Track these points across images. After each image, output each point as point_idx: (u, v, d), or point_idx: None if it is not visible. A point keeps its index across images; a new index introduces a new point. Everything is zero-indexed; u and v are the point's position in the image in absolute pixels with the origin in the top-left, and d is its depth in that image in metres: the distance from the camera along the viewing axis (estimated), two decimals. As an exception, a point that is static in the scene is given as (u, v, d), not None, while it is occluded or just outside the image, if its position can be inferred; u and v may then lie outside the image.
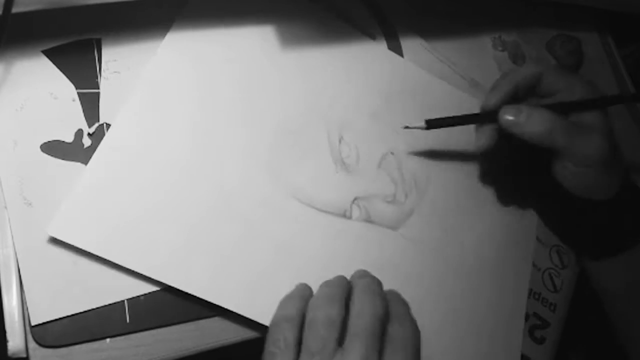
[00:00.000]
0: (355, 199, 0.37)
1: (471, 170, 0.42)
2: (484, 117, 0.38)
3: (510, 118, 0.35)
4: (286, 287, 0.33)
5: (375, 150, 0.39)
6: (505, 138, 0.37)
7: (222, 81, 0.37)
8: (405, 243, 0.38)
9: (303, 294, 0.32)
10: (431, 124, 0.37)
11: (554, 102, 0.38)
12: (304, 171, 0.37)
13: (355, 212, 0.37)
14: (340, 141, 0.39)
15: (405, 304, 0.32)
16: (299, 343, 0.29)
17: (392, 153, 0.40)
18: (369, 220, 0.37)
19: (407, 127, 0.37)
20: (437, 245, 0.39)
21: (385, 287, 0.33)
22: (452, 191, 0.41)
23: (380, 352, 0.28)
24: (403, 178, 0.39)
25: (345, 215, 0.37)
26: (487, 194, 0.42)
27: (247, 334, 0.34)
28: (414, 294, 0.35)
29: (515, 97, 0.38)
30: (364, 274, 0.34)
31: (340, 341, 0.28)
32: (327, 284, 0.32)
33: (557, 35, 0.51)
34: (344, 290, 0.31)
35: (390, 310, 0.31)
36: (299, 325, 0.30)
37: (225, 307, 0.32)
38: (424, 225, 0.39)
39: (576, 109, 0.37)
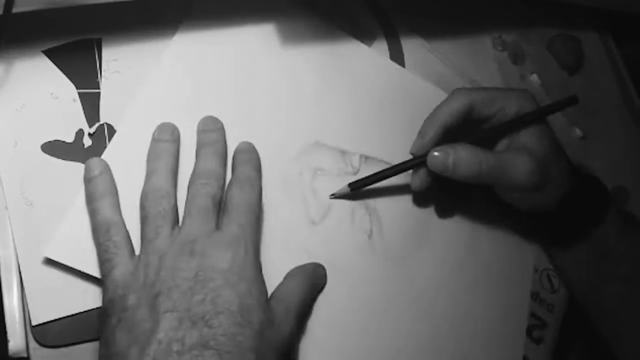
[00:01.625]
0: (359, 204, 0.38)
1: (452, 213, 0.41)
2: (413, 164, 0.37)
3: (438, 163, 0.35)
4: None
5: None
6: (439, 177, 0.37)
7: (228, 84, 0.37)
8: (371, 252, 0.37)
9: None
10: (354, 186, 0.37)
11: (485, 129, 0.38)
12: (306, 174, 0.37)
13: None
14: (359, 156, 0.39)
15: (251, 165, 0.33)
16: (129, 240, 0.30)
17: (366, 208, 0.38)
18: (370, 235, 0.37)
19: (333, 196, 0.37)
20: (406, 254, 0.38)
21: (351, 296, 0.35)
22: (440, 242, 0.40)
23: (217, 219, 0.30)
24: (380, 229, 0.38)
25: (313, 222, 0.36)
26: (473, 239, 0.41)
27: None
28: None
29: (448, 132, 0.37)
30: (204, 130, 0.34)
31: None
32: (152, 169, 0.32)
33: (557, 35, 0.51)
34: (170, 169, 0.32)
35: (235, 172, 0.33)
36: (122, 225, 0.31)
37: None
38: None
39: (509, 129, 0.37)
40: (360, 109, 0.40)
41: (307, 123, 0.39)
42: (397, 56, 0.44)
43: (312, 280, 0.33)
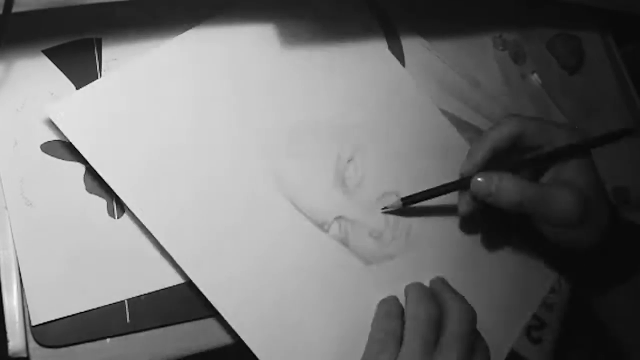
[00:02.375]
0: (340, 217, 0.37)
1: (468, 239, 0.40)
2: (460, 185, 0.37)
3: (481, 188, 0.36)
4: (262, 291, 0.33)
5: (381, 185, 0.39)
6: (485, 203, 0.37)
7: (226, 83, 0.37)
8: (372, 279, 0.36)
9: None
10: (407, 201, 0.37)
11: (531, 158, 0.38)
12: (302, 171, 0.37)
13: (334, 229, 0.36)
14: (349, 160, 0.38)
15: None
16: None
17: (396, 195, 0.39)
18: (344, 242, 0.36)
19: (385, 209, 0.38)
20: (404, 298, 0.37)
21: (337, 311, 0.35)
22: (442, 252, 0.39)
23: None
24: (397, 223, 0.38)
25: (322, 227, 0.36)
26: (480, 262, 0.40)
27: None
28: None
29: (496, 155, 0.37)
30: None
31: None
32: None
33: (557, 34, 0.51)
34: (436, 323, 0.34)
35: (448, 326, 0.33)
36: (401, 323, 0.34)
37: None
38: (400, 275, 0.37)
39: (555, 159, 0.37)
40: (359, 108, 0.40)
41: (305, 122, 0.38)
42: (397, 56, 0.44)
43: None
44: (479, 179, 0.36)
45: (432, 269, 0.38)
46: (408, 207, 0.38)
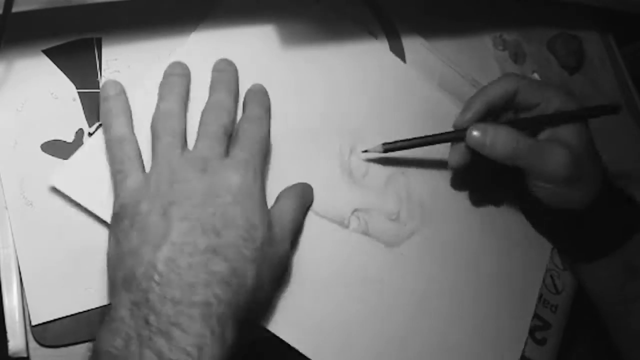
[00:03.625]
0: (356, 210, 0.37)
1: (479, 198, 0.41)
2: (453, 137, 0.37)
3: (477, 138, 0.36)
4: (302, 301, 0.34)
5: (386, 168, 0.39)
6: (478, 155, 0.37)
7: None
8: (402, 260, 0.37)
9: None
10: (388, 147, 0.37)
11: (526, 118, 0.38)
12: (308, 173, 0.37)
13: (354, 223, 0.37)
14: (351, 152, 0.38)
15: (260, 104, 0.35)
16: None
17: (402, 173, 0.39)
18: (366, 233, 0.37)
19: (365, 151, 0.38)
20: (436, 267, 0.38)
21: (378, 302, 0.36)
22: (458, 220, 0.40)
23: (227, 149, 0.32)
24: (410, 199, 0.39)
25: (343, 224, 0.37)
26: (493, 225, 0.41)
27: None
28: (407, 310, 0.36)
29: (490, 113, 0.38)
30: (217, 70, 0.36)
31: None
32: (167, 92, 0.34)
33: (558, 34, 0.51)
34: (183, 99, 0.34)
35: (246, 110, 0.35)
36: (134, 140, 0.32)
37: None
38: (425, 248, 0.38)
39: (549, 123, 0.38)
40: (364, 105, 0.40)
41: (303, 123, 0.38)
42: (398, 55, 0.44)
43: (303, 199, 0.35)
44: (475, 131, 0.36)
45: (451, 242, 0.39)
46: (389, 153, 0.38)
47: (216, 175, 0.30)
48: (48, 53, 0.35)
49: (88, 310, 0.31)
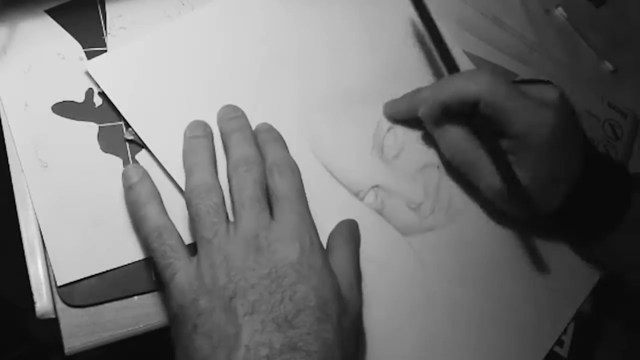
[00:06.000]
0: (376, 186, 0.35)
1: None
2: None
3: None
4: None
5: (421, 157, 0.37)
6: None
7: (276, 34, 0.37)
8: (408, 251, 0.35)
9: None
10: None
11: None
12: (337, 132, 0.36)
13: (370, 197, 0.35)
14: (388, 130, 0.37)
15: (278, 142, 0.32)
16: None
17: (438, 167, 0.37)
18: (380, 211, 0.35)
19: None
20: (446, 272, 0.35)
21: (371, 283, 0.32)
22: (487, 231, 0.37)
23: (270, 208, 0.29)
24: (437, 195, 0.36)
25: (358, 195, 0.35)
26: (522, 245, 0.37)
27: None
28: (398, 301, 0.33)
29: (447, 112, 0.35)
30: (227, 118, 0.33)
31: (229, 217, 0.29)
32: (191, 165, 0.31)
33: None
34: (210, 162, 0.31)
35: (267, 160, 0.31)
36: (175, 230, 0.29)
37: None
38: (440, 248, 0.35)
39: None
40: (400, 78, 0.39)
41: (343, 88, 0.37)
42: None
43: (355, 243, 0.32)
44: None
45: (473, 242, 0.36)
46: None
47: (273, 253, 0.27)
48: (51, 13, 0.34)
49: (113, 269, 0.30)
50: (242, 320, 0.25)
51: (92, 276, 0.30)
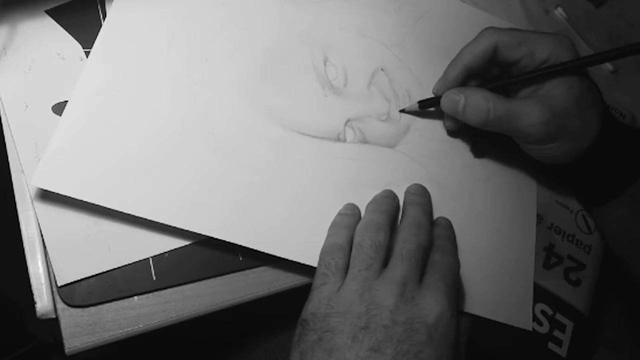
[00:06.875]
0: (348, 120, 0.36)
1: None
2: (433, 103, 0.37)
3: (449, 107, 0.36)
4: (286, 216, 0.33)
5: (364, 69, 0.38)
6: None
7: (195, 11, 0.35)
8: (404, 159, 0.37)
9: (349, 222, 0.33)
10: (423, 105, 0.37)
11: (509, 77, 0.36)
12: (288, 97, 0.35)
13: (350, 135, 0.36)
14: (325, 63, 0.37)
15: (450, 240, 0.33)
16: (347, 268, 0.30)
17: (382, 69, 0.38)
18: (364, 141, 0.36)
19: (402, 111, 0.38)
20: (437, 157, 0.37)
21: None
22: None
23: (421, 275, 0.30)
24: (396, 94, 0.38)
25: (339, 138, 0.35)
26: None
27: (275, 288, 0.33)
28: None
29: (473, 75, 0.36)
30: (414, 193, 0.35)
31: (385, 264, 0.30)
32: (375, 208, 0.33)
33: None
34: (390, 216, 0.33)
35: (436, 242, 0.32)
36: (348, 252, 0.31)
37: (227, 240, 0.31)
38: (422, 140, 0.37)
39: (534, 80, 0.35)
40: (352, 18, 0.39)
41: (270, 44, 0.36)
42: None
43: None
44: (447, 97, 0.36)
45: (447, 139, 0.38)
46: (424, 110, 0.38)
47: (415, 306, 0.28)
48: (51, 13, 0.34)
49: (113, 269, 0.30)
50: (364, 353, 0.27)
51: (92, 276, 0.30)
